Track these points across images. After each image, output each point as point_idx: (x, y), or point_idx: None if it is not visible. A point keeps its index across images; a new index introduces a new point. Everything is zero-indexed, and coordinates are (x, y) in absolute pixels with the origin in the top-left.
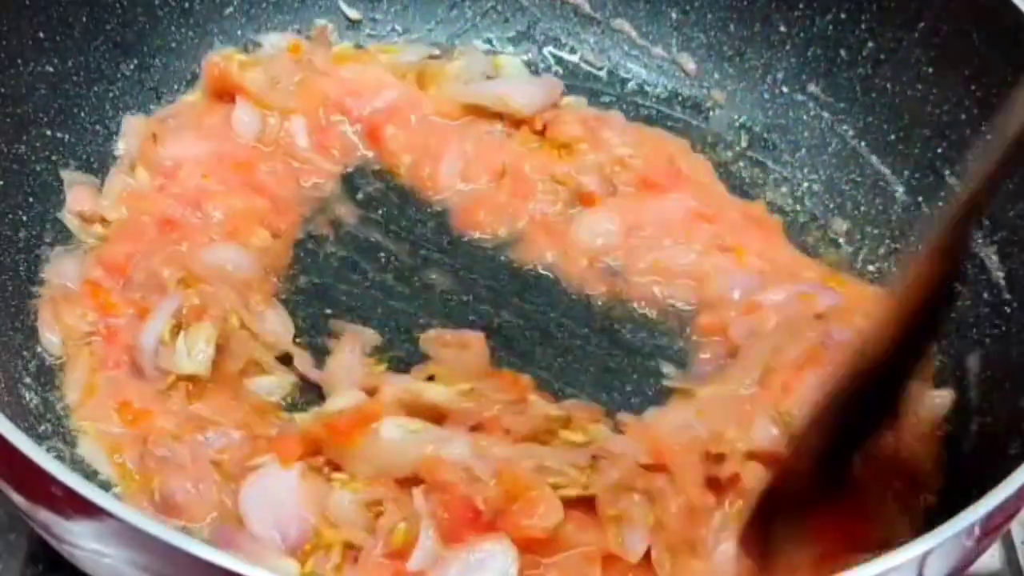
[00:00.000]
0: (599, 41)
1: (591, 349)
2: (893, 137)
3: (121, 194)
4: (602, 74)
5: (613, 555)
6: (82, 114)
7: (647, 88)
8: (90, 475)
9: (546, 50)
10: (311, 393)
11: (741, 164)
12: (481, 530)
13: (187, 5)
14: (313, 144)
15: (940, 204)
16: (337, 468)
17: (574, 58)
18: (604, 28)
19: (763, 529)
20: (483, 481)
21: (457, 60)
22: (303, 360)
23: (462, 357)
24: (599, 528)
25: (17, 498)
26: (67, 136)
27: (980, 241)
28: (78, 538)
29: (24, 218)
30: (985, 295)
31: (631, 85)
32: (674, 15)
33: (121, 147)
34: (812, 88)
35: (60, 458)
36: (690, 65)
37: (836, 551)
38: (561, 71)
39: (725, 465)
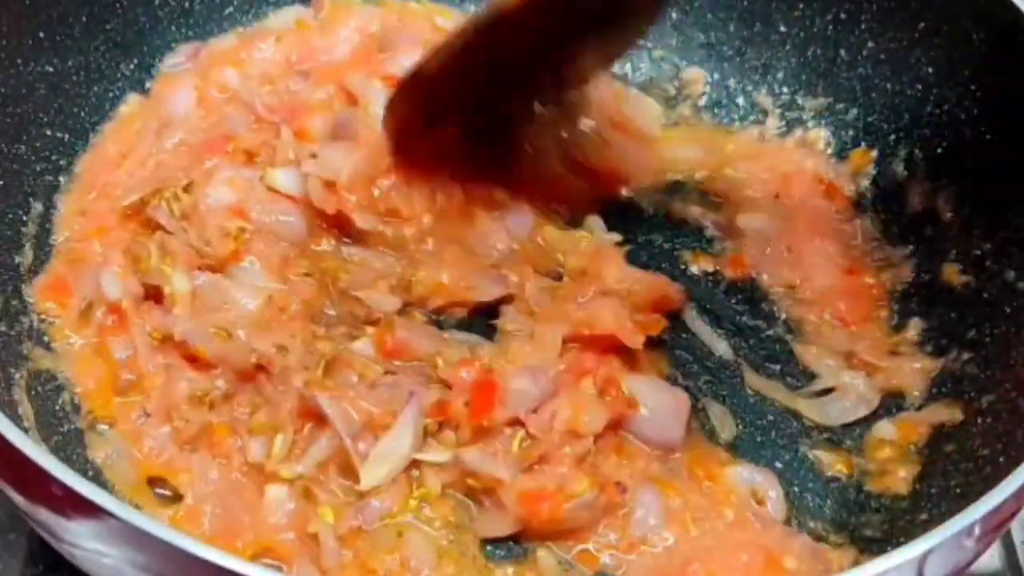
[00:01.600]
0: None
1: None
2: (893, 137)
3: None
4: None
5: None
6: (82, 114)
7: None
8: None
9: None
10: None
11: None
12: None
13: (187, 5)
14: None
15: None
16: None
17: None
18: None
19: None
20: None
21: None
22: None
23: None
24: None
25: (17, 498)
26: (67, 136)
27: (980, 240)
28: (78, 538)
29: (24, 218)
30: (985, 294)
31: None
32: (674, 15)
33: None
34: (812, 88)
35: None
36: (690, 65)
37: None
38: None
39: None
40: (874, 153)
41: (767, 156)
